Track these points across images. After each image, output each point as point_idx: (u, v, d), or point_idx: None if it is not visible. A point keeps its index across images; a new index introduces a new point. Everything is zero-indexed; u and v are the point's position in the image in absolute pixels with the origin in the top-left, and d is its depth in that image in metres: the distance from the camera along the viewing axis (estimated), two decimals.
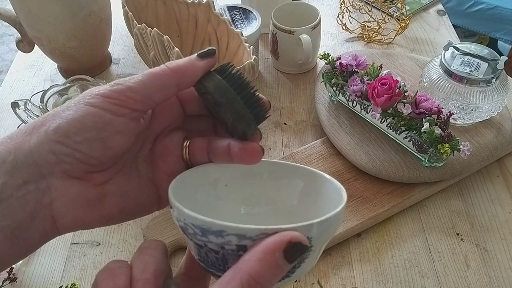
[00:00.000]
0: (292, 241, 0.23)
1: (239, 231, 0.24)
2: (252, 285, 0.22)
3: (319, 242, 0.26)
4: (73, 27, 0.76)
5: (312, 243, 0.25)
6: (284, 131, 0.75)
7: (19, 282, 0.58)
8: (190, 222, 0.26)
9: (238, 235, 0.24)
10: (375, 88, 0.63)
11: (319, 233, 0.25)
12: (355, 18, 0.96)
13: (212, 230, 0.25)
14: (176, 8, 0.71)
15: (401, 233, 0.62)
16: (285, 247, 0.22)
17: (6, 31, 2.55)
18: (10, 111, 0.70)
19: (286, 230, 0.23)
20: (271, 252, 0.23)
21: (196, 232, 0.26)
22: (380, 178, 0.64)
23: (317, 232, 0.25)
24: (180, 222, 0.27)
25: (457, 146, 0.59)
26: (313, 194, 0.33)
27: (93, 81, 0.71)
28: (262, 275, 0.22)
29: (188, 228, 0.27)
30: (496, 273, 0.57)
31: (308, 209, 0.33)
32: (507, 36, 1.69)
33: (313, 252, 0.26)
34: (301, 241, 0.23)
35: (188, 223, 0.26)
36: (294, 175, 0.34)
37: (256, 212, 0.34)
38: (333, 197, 0.30)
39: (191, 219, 0.26)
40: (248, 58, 0.63)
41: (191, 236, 0.27)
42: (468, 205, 0.65)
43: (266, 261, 0.22)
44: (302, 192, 0.34)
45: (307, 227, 0.24)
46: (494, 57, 0.65)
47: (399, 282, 0.57)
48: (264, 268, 0.23)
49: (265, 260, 0.22)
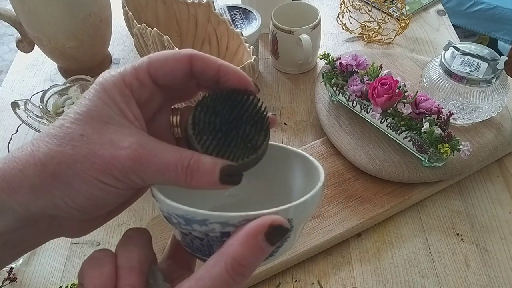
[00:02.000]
0: (273, 224, 0.24)
1: (221, 219, 0.25)
2: (236, 268, 0.24)
3: (299, 223, 0.27)
4: (73, 27, 0.76)
5: (292, 224, 0.26)
6: (284, 131, 0.75)
7: (19, 282, 0.58)
8: (173, 212, 0.26)
9: (221, 222, 0.25)
10: (375, 88, 0.63)
11: (298, 214, 0.26)
12: (355, 18, 0.96)
13: (195, 220, 0.25)
14: (176, 8, 0.71)
15: (401, 233, 0.62)
16: (267, 231, 0.24)
17: (6, 31, 2.55)
18: (10, 111, 0.70)
19: (267, 214, 0.24)
20: (254, 235, 0.24)
21: (180, 222, 0.26)
22: (380, 178, 0.64)
23: (297, 214, 0.26)
24: (164, 212, 0.28)
25: (457, 146, 0.59)
26: (293, 171, 0.34)
27: (93, 81, 0.71)
28: (245, 257, 0.24)
29: (172, 218, 0.27)
30: (496, 273, 0.57)
31: (289, 184, 0.34)
32: (507, 36, 1.69)
33: (294, 232, 0.28)
34: (281, 224, 0.24)
35: (172, 213, 0.27)
36: (275, 154, 0.34)
37: (238, 192, 0.34)
38: (314, 175, 0.31)
39: (174, 209, 0.26)
40: (248, 58, 0.63)
41: (175, 225, 0.27)
42: (468, 205, 0.65)
43: (249, 244, 0.24)
44: (282, 169, 0.34)
45: (287, 210, 0.25)
46: (494, 57, 0.65)
47: (399, 282, 0.57)
48: (247, 251, 0.24)
49: (248, 243, 0.24)
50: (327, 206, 0.62)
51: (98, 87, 0.27)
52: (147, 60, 0.28)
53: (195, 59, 0.28)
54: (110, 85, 0.27)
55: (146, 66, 0.28)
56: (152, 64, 0.28)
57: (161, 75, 0.28)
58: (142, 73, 0.28)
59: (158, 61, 0.28)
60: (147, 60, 0.28)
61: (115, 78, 0.27)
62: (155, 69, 0.28)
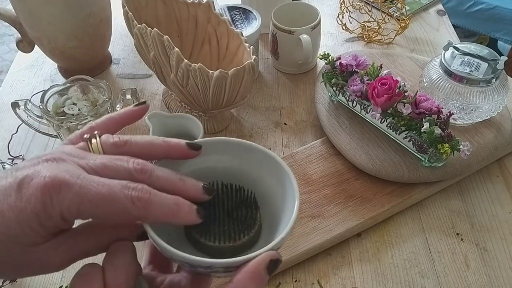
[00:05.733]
0: (273, 259, 0.29)
1: (226, 264, 0.29)
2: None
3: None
4: (73, 27, 0.76)
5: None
6: (284, 131, 0.75)
7: (19, 282, 0.58)
8: (178, 259, 0.29)
9: (225, 267, 0.29)
10: (375, 88, 0.63)
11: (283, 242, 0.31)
12: (355, 18, 0.96)
13: (200, 266, 0.29)
14: (176, 8, 0.71)
15: (401, 233, 0.62)
16: (268, 265, 0.29)
17: (6, 31, 2.55)
18: (10, 111, 0.70)
19: (266, 252, 0.29)
20: (259, 271, 0.29)
21: (184, 265, 0.30)
22: (380, 178, 0.64)
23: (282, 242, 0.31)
24: (166, 255, 0.29)
25: (457, 146, 0.59)
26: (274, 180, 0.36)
27: (93, 81, 0.71)
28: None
29: (175, 261, 0.29)
30: (496, 273, 0.57)
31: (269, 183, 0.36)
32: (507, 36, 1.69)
33: None
34: (278, 258, 0.29)
35: (176, 259, 0.29)
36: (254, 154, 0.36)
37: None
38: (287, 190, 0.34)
39: (180, 257, 0.28)
40: (248, 58, 0.63)
41: (178, 263, 0.30)
42: (468, 205, 0.65)
43: (255, 279, 0.28)
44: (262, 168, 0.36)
45: (278, 243, 0.30)
46: (494, 57, 0.65)
47: (399, 282, 0.57)
48: (255, 284, 0.28)
49: (255, 278, 0.28)
50: (327, 206, 0.62)
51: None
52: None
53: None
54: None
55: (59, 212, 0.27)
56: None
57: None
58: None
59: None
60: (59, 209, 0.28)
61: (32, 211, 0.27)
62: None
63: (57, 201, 0.27)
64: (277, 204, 0.35)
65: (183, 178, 0.31)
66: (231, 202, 0.34)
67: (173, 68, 0.62)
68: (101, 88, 0.70)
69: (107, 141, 0.31)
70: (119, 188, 0.28)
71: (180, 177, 0.31)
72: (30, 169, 0.28)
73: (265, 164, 0.35)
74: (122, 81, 0.86)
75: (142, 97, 0.81)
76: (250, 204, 0.34)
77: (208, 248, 0.32)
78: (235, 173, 0.36)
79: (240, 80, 0.62)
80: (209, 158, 0.36)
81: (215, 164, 0.36)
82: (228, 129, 0.76)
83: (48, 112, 0.66)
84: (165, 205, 0.29)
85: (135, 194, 0.28)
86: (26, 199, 0.26)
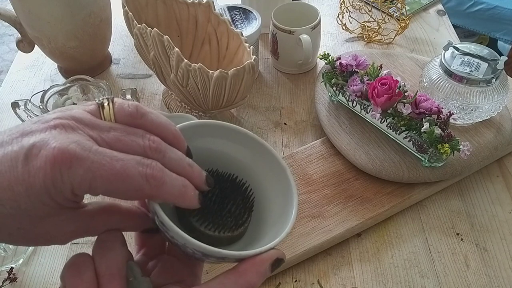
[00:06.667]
0: (279, 258, 0.31)
1: (240, 256, 0.30)
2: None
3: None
4: (73, 27, 0.76)
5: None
6: (284, 131, 0.75)
7: (19, 282, 0.58)
8: (192, 247, 0.29)
9: (238, 258, 0.30)
10: (375, 88, 0.63)
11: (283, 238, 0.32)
12: (355, 18, 0.96)
13: (215, 256, 0.29)
14: (176, 8, 0.71)
15: (401, 233, 0.62)
16: (273, 262, 0.30)
17: (6, 31, 2.55)
18: (10, 111, 0.70)
19: (272, 248, 0.31)
20: (265, 267, 0.30)
21: (195, 253, 0.30)
22: (380, 178, 0.64)
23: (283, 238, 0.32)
24: (178, 242, 0.29)
25: (457, 146, 0.59)
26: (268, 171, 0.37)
27: (93, 81, 0.71)
28: (256, 283, 0.30)
29: (187, 249, 0.29)
30: (496, 273, 0.57)
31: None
32: (507, 36, 1.69)
33: None
34: (283, 258, 0.31)
35: (190, 247, 0.29)
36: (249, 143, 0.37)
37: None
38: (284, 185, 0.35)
39: (195, 246, 0.29)
40: (248, 58, 0.63)
41: (186, 251, 0.30)
42: (468, 205, 0.65)
43: (260, 273, 0.30)
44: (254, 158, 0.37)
45: (278, 242, 0.32)
46: (494, 57, 0.65)
47: (399, 282, 0.57)
48: (258, 278, 0.30)
49: (260, 272, 0.30)
50: (327, 206, 0.62)
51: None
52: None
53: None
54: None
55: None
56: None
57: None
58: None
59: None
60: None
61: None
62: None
63: (68, 176, 0.25)
64: (268, 195, 0.36)
65: (191, 164, 0.30)
66: (227, 190, 0.34)
67: (173, 68, 0.62)
68: (101, 88, 0.70)
69: (122, 109, 0.29)
70: (133, 164, 0.26)
71: (189, 162, 0.30)
72: (37, 136, 0.26)
73: (261, 156, 0.36)
74: (122, 81, 0.86)
75: (142, 97, 0.81)
76: (246, 195, 0.35)
77: (206, 237, 0.32)
78: (230, 160, 0.36)
79: (240, 80, 0.62)
80: (206, 140, 0.35)
81: (211, 147, 0.36)
82: None
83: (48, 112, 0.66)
84: (175, 186, 0.28)
85: (150, 171, 0.27)
86: (34, 173, 0.25)
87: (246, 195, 0.35)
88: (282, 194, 0.35)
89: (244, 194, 0.35)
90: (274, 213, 0.35)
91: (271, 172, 0.36)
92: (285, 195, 0.34)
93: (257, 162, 0.36)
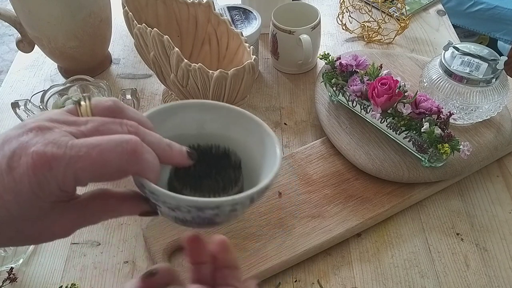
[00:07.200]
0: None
1: (233, 201, 0.29)
2: None
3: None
4: (73, 27, 0.76)
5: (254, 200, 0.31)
6: (284, 131, 0.75)
7: (19, 282, 0.58)
8: (186, 204, 0.29)
9: (233, 204, 0.29)
10: (375, 88, 0.63)
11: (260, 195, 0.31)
12: (355, 18, 0.96)
13: (209, 207, 0.29)
14: (176, 8, 0.71)
15: (401, 233, 0.62)
16: None
17: (6, 31, 2.55)
18: (10, 111, 0.70)
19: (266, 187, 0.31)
20: None
21: (191, 211, 0.29)
22: (380, 178, 0.64)
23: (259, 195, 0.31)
24: (171, 204, 0.29)
25: (457, 146, 0.59)
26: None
27: (93, 81, 0.71)
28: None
29: (182, 210, 0.29)
30: (496, 273, 0.57)
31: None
32: (507, 36, 1.69)
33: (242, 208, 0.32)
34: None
35: (183, 205, 0.29)
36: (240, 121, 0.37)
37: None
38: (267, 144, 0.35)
39: (188, 201, 0.29)
40: (248, 58, 0.63)
41: (184, 218, 0.30)
42: (468, 205, 0.65)
43: None
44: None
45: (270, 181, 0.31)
46: (494, 57, 0.65)
47: (399, 282, 0.57)
48: None
49: None
50: (327, 206, 0.62)
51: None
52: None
53: None
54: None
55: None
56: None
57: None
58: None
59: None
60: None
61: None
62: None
63: (51, 177, 0.26)
64: (253, 152, 0.36)
65: (169, 144, 0.31)
66: (213, 160, 0.35)
67: (173, 68, 0.62)
68: (101, 88, 0.70)
69: (99, 104, 0.30)
70: (112, 147, 0.27)
71: (167, 142, 0.31)
72: (15, 142, 0.27)
73: (236, 119, 0.37)
74: (122, 81, 0.86)
75: (142, 97, 0.81)
76: (232, 159, 0.35)
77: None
78: (208, 132, 0.37)
79: (240, 80, 0.62)
80: (179, 119, 0.36)
81: (185, 125, 0.37)
82: None
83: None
84: (160, 148, 0.30)
85: (130, 147, 0.27)
86: (19, 180, 0.26)
87: (233, 160, 0.35)
88: (262, 143, 0.35)
89: (230, 159, 0.35)
90: (263, 165, 0.35)
91: (249, 132, 0.36)
92: (266, 143, 0.35)
93: (234, 127, 0.37)
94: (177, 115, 0.36)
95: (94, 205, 0.31)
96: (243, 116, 0.37)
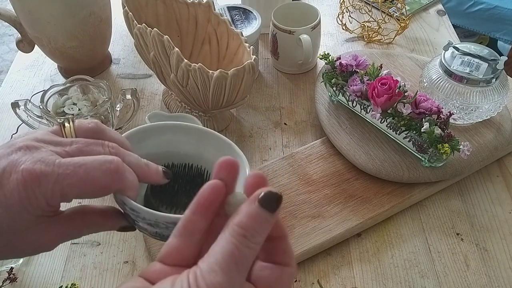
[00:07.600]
0: (266, 193, 0.25)
1: None
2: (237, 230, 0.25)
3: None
4: (73, 27, 0.76)
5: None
6: (284, 131, 0.75)
7: (19, 282, 0.58)
8: (164, 220, 0.31)
9: None
10: (375, 88, 0.63)
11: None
12: (355, 18, 0.96)
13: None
14: (176, 8, 0.71)
15: (401, 233, 0.62)
16: (260, 199, 0.25)
17: (6, 31, 2.55)
18: (10, 111, 0.70)
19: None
20: (251, 206, 0.25)
21: (168, 227, 0.31)
22: (380, 178, 0.64)
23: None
24: (150, 221, 0.32)
25: (457, 146, 0.59)
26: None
27: (93, 81, 0.71)
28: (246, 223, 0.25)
29: (161, 226, 0.32)
30: (496, 273, 0.57)
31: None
32: (507, 36, 1.69)
33: None
34: (269, 190, 0.26)
35: (162, 221, 0.31)
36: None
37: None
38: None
39: (165, 218, 0.31)
40: (248, 58, 0.63)
41: (162, 233, 0.32)
42: (468, 205, 0.65)
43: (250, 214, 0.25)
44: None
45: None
46: (494, 57, 0.65)
47: (399, 282, 0.57)
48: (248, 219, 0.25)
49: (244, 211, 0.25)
50: (327, 206, 0.62)
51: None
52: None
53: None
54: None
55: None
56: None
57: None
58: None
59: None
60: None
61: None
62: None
63: (40, 192, 0.28)
64: None
65: (147, 163, 0.34)
66: (188, 179, 0.38)
67: (173, 68, 0.62)
68: (101, 88, 0.70)
69: (82, 126, 0.33)
70: (97, 165, 0.29)
71: (145, 162, 0.34)
72: (5, 160, 0.29)
73: (206, 140, 0.39)
74: (122, 81, 0.86)
75: (142, 97, 0.81)
76: (204, 176, 0.38)
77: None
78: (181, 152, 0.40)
79: (240, 80, 0.62)
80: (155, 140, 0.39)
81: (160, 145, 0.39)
82: (228, 129, 0.76)
83: (48, 112, 0.66)
84: (139, 167, 0.32)
85: (113, 166, 0.30)
86: (10, 195, 0.28)
87: (206, 178, 0.38)
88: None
89: (203, 178, 0.37)
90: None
91: (220, 152, 0.38)
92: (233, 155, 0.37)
93: (206, 147, 0.39)
94: (153, 136, 0.39)
95: (76, 220, 0.33)
96: (213, 137, 0.39)
